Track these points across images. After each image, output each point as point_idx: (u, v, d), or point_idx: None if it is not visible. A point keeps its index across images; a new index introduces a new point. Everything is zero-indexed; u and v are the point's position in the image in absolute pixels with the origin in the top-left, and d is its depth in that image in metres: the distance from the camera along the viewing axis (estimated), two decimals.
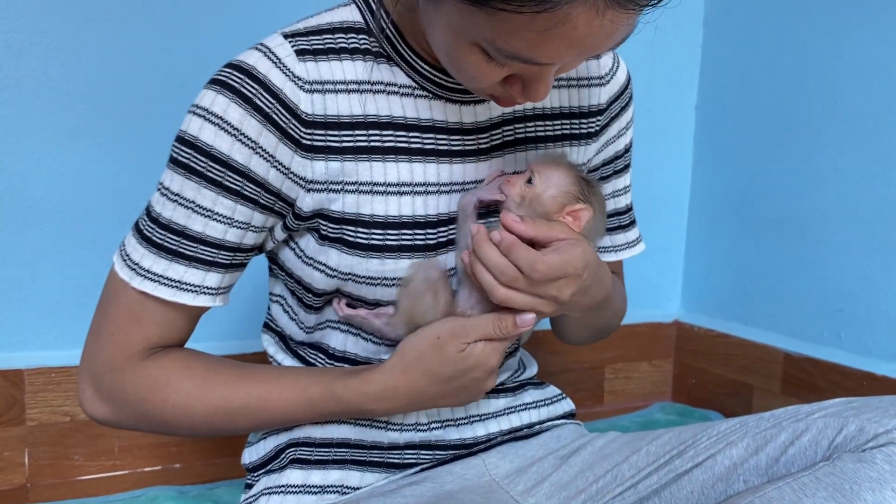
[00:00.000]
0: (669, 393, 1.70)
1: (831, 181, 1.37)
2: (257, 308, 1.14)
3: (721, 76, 1.60)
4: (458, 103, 0.76)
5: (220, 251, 0.73)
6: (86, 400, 0.78)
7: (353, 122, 0.73)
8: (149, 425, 0.79)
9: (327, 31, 0.74)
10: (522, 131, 0.80)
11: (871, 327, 1.32)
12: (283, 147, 0.71)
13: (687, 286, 1.68)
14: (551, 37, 0.58)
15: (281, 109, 0.70)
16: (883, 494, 0.63)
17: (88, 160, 1.18)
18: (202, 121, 0.70)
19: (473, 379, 0.74)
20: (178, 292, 0.73)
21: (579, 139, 0.85)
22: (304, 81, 0.71)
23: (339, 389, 0.75)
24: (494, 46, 0.61)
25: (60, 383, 1.19)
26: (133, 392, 0.76)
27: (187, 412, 0.76)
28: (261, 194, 0.72)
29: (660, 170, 1.64)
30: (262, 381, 0.76)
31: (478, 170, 0.78)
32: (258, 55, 0.71)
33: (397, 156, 0.74)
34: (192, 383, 0.75)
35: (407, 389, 0.74)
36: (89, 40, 1.16)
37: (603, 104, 0.86)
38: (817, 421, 0.72)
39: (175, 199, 0.72)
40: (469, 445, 0.82)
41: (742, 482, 0.74)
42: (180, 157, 0.71)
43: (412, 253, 0.75)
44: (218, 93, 0.70)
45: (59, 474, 1.20)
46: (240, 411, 0.76)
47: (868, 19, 1.31)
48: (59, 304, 1.18)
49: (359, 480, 0.79)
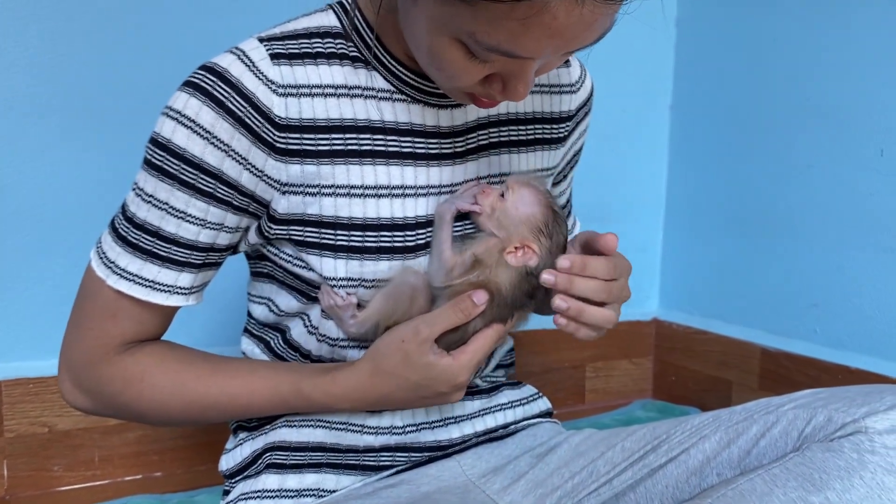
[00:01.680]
0: (650, 390, 1.71)
1: (804, 178, 1.39)
2: (237, 314, 1.14)
3: (695, 76, 1.61)
4: (436, 107, 0.77)
5: (194, 252, 0.74)
6: (66, 390, 0.80)
7: (330, 126, 0.73)
8: (126, 415, 0.82)
9: (304, 36, 0.74)
10: (496, 135, 0.81)
11: (846, 321, 1.34)
12: (257, 150, 0.71)
13: (665, 284, 1.69)
14: (531, 27, 0.58)
15: (253, 113, 0.70)
16: (851, 482, 0.64)
17: (66, 169, 1.17)
18: (175, 123, 0.70)
19: (439, 392, 0.75)
20: (152, 292, 0.74)
21: (550, 143, 0.86)
22: (277, 85, 0.71)
23: (308, 389, 0.77)
24: (475, 40, 0.61)
25: (38, 394, 1.18)
26: (109, 385, 0.77)
27: (163, 406, 0.78)
28: (234, 196, 0.73)
29: (636, 170, 1.65)
30: (235, 378, 0.78)
31: (454, 173, 0.78)
32: (232, 58, 0.71)
33: (374, 159, 0.75)
34: (167, 378, 0.77)
35: (374, 393, 0.75)
36: (68, 46, 1.16)
37: (573, 110, 0.88)
38: (787, 413, 0.73)
39: (149, 200, 0.72)
40: (444, 447, 0.83)
41: (715, 475, 0.75)
42: (154, 158, 0.72)
43: (391, 255, 0.75)
44: (191, 95, 0.70)
45: (38, 485, 1.19)
46: (213, 406, 0.78)
47: (838, 18, 1.33)
48: (35, 314, 1.18)
49: (335, 483, 0.79)
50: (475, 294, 0.73)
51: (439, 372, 0.73)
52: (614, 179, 1.62)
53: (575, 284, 0.72)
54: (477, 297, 0.73)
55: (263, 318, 0.84)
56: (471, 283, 0.73)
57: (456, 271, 0.74)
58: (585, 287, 0.72)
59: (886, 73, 1.26)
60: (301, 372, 0.78)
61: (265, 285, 0.83)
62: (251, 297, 0.85)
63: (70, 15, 1.15)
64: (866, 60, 1.29)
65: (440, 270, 0.75)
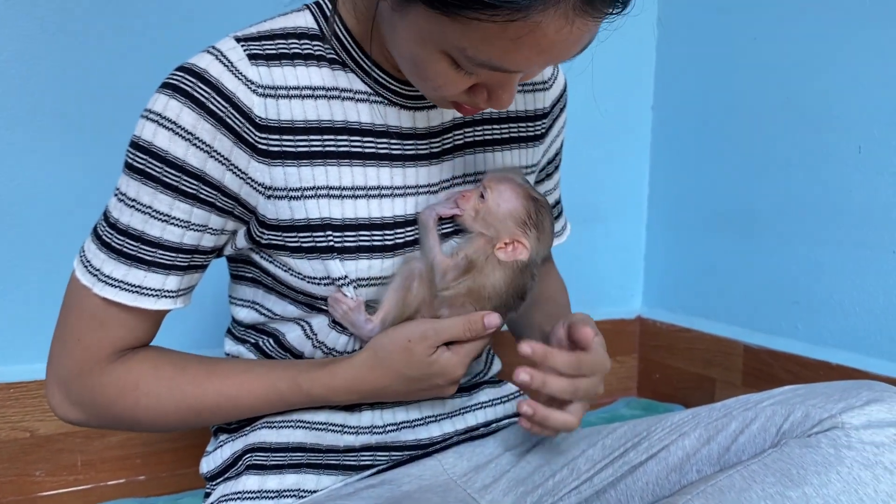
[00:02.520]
0: (634, 388, 1.72)
1: (784, 175, 1.40)
2: (222, 315, 1.13)
3: (676, 76, 1.62)
4: (412, 109, 0.77)
5: (179, 254, 0.73)
6: (56, 404, 0.78)
7: (307, 128, 0.73)
8: (120, 425, 0.81)
9: (280, 36, 0.74)
10: (471, 135, 0.82)
11: (826, 318, 1.35)
12: (239, 151, 0.71)
13: (648, 282, 1.70)
14: (522, 45, 0.59)
15: (234, 113, 0.70)
16: (828, 477, 0.65)
17: (44, 174, 1.16)
18: (156, 126, 0.70)
19: (436, 385, 0.76)
20: (139, 297, 0.73)
21: (528, 141, 0.87)
22: (256, 85, 0.71)
23: (307, 384, 0.76)
24: (465, 55, 0.61)
25: (19, 399, 1.17)
26: (102, 395, 0.76)
27: (160, 413, 0.77)
28: (217, 197, 0.72)
29: (619, 169, 1.66)
30: (230, 378, 0.77)
31: (430, 173, 0.79)
32: (210, 58, 0.71)
33: (352, 160, 0.75)
34: (162, 384, 0.76)
35: (372, 386, 0.76)
36: (44, 51, 1.15)
37: (547, 107, 0.88)
38: (766, 409, 0.73)
39: (132, 204, 0.72)
40: (425, 446, 0.83)
41: (695, 472, 0.75)
42: (136, 162, 0.71)
43: (370, 254, 0.75)
44: (170, 97, 0.70)
45: (20, 491, 1.18)
46: (211, 408, 0.77)
47: (817, 17, 1.34)
48: (16, 319, 1.17)
49: (315, 483, 0.79)
50: (488, 317, 0.74)
51: (440, 367, 0.74)
52: (597, 179, 1.63)
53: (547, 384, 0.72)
54: (488, 321, 0.74)
55: (250, 321, 0.83)
56: (468, 287, 0.75)
57: (450, 275, 0.75)
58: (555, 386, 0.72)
59: (864, 72, 1.27)
60: (297, 368, 0.78)
61: (248, 289, 0.82)
62: (233, 301, 0.85)
63: (47, 19, 1.15)
64: (844, 59, 1.30)
65: (436, 275, 0.75)
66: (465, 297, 0.75)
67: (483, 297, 0.75)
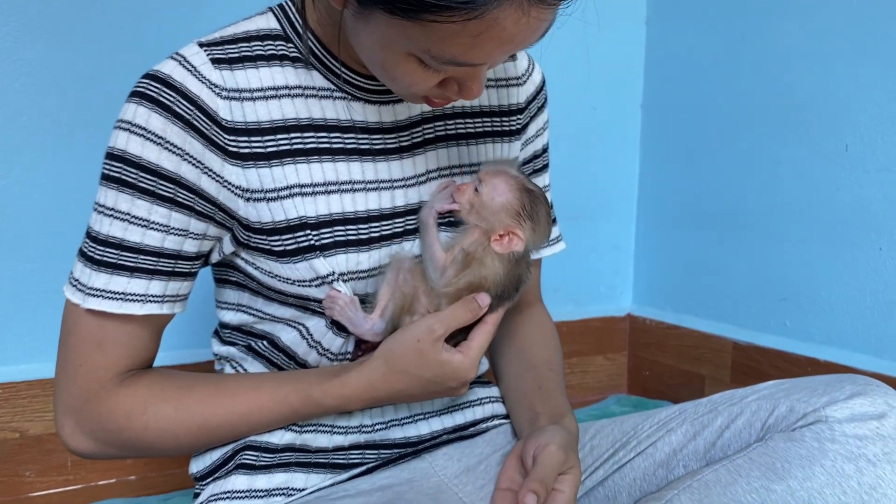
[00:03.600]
0: (625, 385, 1.72)
1: (772, 174, 1.41)
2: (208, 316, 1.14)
3: (665, 74, 1.63)
4: (377, 104, 0.78)
5: (161, 259, 0.73)
6: (67, 436, 0.77)
7: (273, 127, 0.74)
8: (132, 452, 0.79)
9: (243, 40, 0.75)
10: (443, 128, 0.82)
11: (814, 315, 1.36)
12: (211, 154, 0.72)
13: (638, 280, 1.71)
14: (483, 40, 0.61)
15: (201, 116, 0.71)
16: (812, 470, 0.66)
17: (36, 174, 1.17)
18: (127, 134, 0.71)
19: (448, 388, 0.76)
20: (124, 304, 0.73)
21: (502, 136, 0.87)
22: (220, 88, 0.72)
23: (318, 395, 0.76)
24: (430, 55, 0.63)
25: (9, 399, 1.17)
26: (111, 421, 0.75)
27: (170, 436, 0.76)
28: (196, 201, 0.73)
29: (608, 168, 1.67)
30: (239, 396, 0.77)
31: (402, 167, 0.79)
32: (173, 64, 0.72)
33: (321, 156, 0.75)
34: (170, 406, 0.75)
35: (386, 390, 0.75)
36: (33, 53, 1.15)
37: (522, 103, 0.88)
38: (751, 404, 0.74)
39: (111, 213, 0.72)
40: (414, 443, 0.83)
41: (682, 467, 0.76)
42: (111, 172, 0.72)
43: (346, 248, 0.76)
44: (138, 104, 0.71)
45: (10, 491, 1.18)
46: (223, 426, 0.77)
47: (805, 16, 1.35)
48: (6, 319, 1.17)
49: (304, 482, 0.79)
50: (479, 297, 0.75)
51: (452, 369, 0.74)
52: (587, 178, 1.63)
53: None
54: (481, 300, 0.75)
55: (237, 323, 0.83)
56: (469, 282, 0.75)
57: (451, 270, 0.75)
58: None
59: (851, 71, 1.28)
60: (307, 380, 0.77)
61: (233, 292, 0.82)
62: (220, 304, 0.84)
63: (32, 24, 1.14)
64: (832, 58, 1.31)
65: (436, 272, 0.75)
66: (464, 292, 0.75)
67: (484, 289, 0.75)
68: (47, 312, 0.79)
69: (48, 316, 0.78)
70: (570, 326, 1.63)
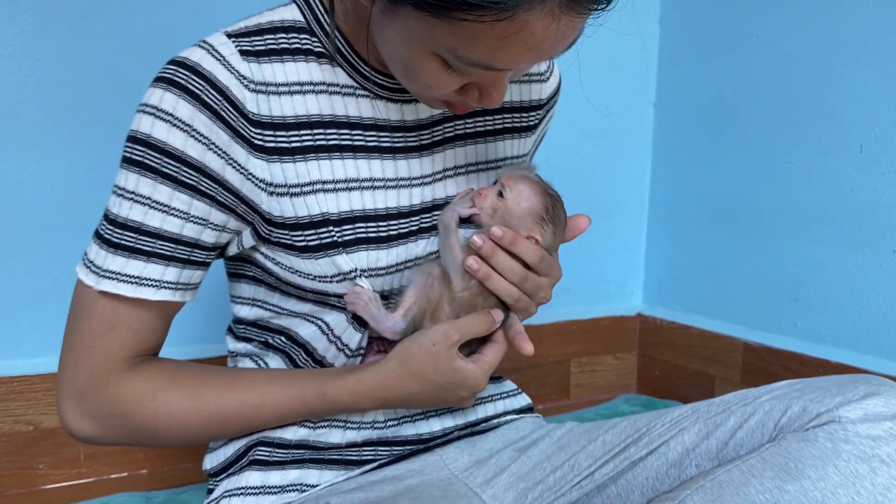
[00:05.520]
0: (634, 385, 1.72)
1: (785, 174, 1.41)
2: (220, 310, 1.14)
3: (678, 74, 1.63)
4: (399, 102, 0.78)
5: (178, 246, 0.73)
6: (69, 419, 0.76)
7: (297, 123, 0.74)
8: (137, 439, 0.78)
9: (269, 31, 0.74)
10: (462, 127, 0.83)
11: (825, 316, 1.35)
12: (237, 146, 0.72)
13: (649, 280, 1.71)
14: (510, 43, 0.61)
15: (229, 107, 0.71)
16: (826, 471, 0.65)
17: (48, 168, 1.17)
18: (152, 118, 0.70)
19: (458, 397, 0.77)
20: (140, 288, 0.72)
21: (520, 132, 0.88)
22: (248, 81, 0.72)
23: (332, 392, 0.76)
24: (455, 55, 0.63)
25: (23, 392, 1.18)
26: (120, 406, 0.75)
27: (181, 424, 0.76)
28: (218, 191, 0.73)
29: (620, 167, 1.67)
30: (253, 388, 0.77)
31: (422, 165, 0.79)
32: (202, 52, 0.71)
33: (342, 153, 0.75)
34: (182, 394, 0.75)
35: (398, 391, 0.76)
36: (47, 47, 1.15)
37: (544, 99, 0.89)
38: (764, 404, 0.74)
39: (131, 197, 0.72)
40: (426, 440, 0.84)
41: (694, 467, 0.76)
42: (134, 155, 0.71)
43: (367, 245, 0.76)
44: (165, 90, 0.70)
45: (23, 484, 1.19)
46: (234, 418, 0.77)
47: (819, 16, 1.34)
48: (17, 312, 1.18)
49: (317, 478, 0.80)
50: (494, 312, 0.77)
51: (464, 378, 0.75)
52: (598, 176, 1.63)
53: (496, 256, 0.74)
54: (496, 315, 0.77)
55: (253, 318, 0.83)
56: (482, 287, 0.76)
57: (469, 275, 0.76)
58: (504, 264, 0.75)
59: (866, 71, 1.28)
60: (321, 376, 0.78)
61: (248, 286, 0.82)
62: (235, 299, 0.85)
63: (44, 18, 1.15)
64: (847, 58, 1.30)
65: (457, 275, 0.76)
66: (478, 297, 0.76)
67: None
68: (61, 306, 0.79)
69: (62, 310, 0.77)
70: (579, 325, 1.63)
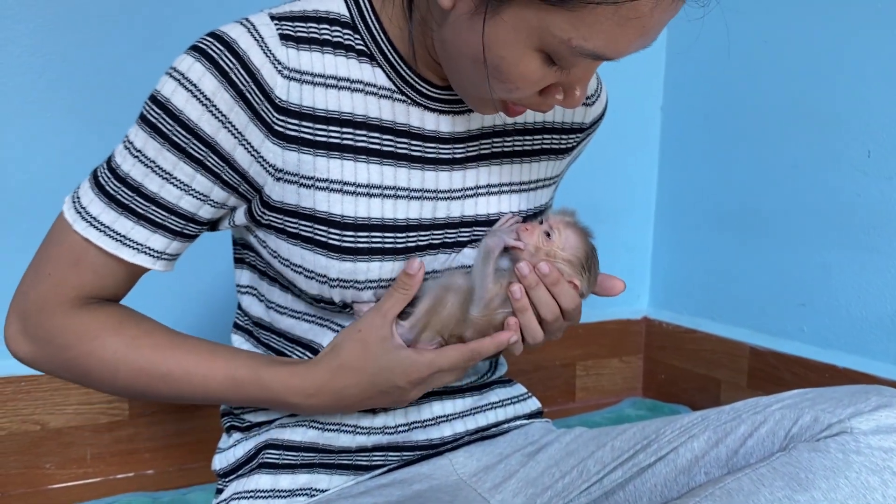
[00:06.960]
0: (640, 388, 1.72)
1: (792, 178, 1.41)
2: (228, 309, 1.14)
3: (685, 77, 1.63)
4: (437, 112, 0.77)
5: (171, 216, 0.73)
6: (9, 336, 0.76)
7: (327, 117, 0.73)
8: (70, 373, 0.77)
9: (313, 20, 0.73)
10: (500, 145, 0.81)
11: (832, 321, 1.35)
12: (254, 127, 0.71)
13: (655, 283, 1.71)
14: (628, 29, 0.60)
15: (255, 89, 0.70)
16: (836, 482, 0.65)
17: (58, 165, 1.17)
18: (176, 84, 0.70)
19: (395, 386, 0.75)
20: (121, 246, 0.72)
21: (557, 154, 0.86)
22: (283, 66, 0.71)
23: (267, 377, 0.75)
24: (570, 46, 0.62)
25: (30, 392, 1.18)
26: (60, 337, 0.75)
27: (111, 369, 0.75)
28: (224, 170, 0.72)
29: (627, 170, 1.66)
30: (192, 354, 0.76)
31: (452, 179, 0.78)
32: (241, 30, 0.71)
33: (368, 157, 0.74)
34: (122, 341, 0.75)
35: (332, 386, 0.75)
36: (60, 43, 1.15)
37: (587, 123, 0.88)
38: (775, 413, 0.73)
39: (136, 154, 0.71)
40: (436, 445, 0.83)
41: (703, 474, 0.75)
42: (149, 115, 0.71)
43: (382, 256, 0.75)
44: (196, 60, 0.70)
45: (30, 483, 1.19)
46: (163, 378, 0.75)
47: (828, 20, 1.34)
48: None
49: (327, 483, 0.80)
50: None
51: (394, 360, 0.73)
52: (605, 179, 1.63)
53: (538, 289, 0.74)
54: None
55: (255, 311, 0.83)
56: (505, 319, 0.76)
57: (495, 303, 0.76)
58: (542, 298, 0.75)
59: (875, 76, 1.27)
60: (263, 360, 0.77)
61: (245, 273, 0.82)
62: (239, 289, 0.84)
63: (58, 13, 1.15)
64: (856, 63, 1.30)
65: (480, 301, 0.75)
66: (493, 329, 0.76)
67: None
68: None
69: None
70: (585, 328, 1.63)
